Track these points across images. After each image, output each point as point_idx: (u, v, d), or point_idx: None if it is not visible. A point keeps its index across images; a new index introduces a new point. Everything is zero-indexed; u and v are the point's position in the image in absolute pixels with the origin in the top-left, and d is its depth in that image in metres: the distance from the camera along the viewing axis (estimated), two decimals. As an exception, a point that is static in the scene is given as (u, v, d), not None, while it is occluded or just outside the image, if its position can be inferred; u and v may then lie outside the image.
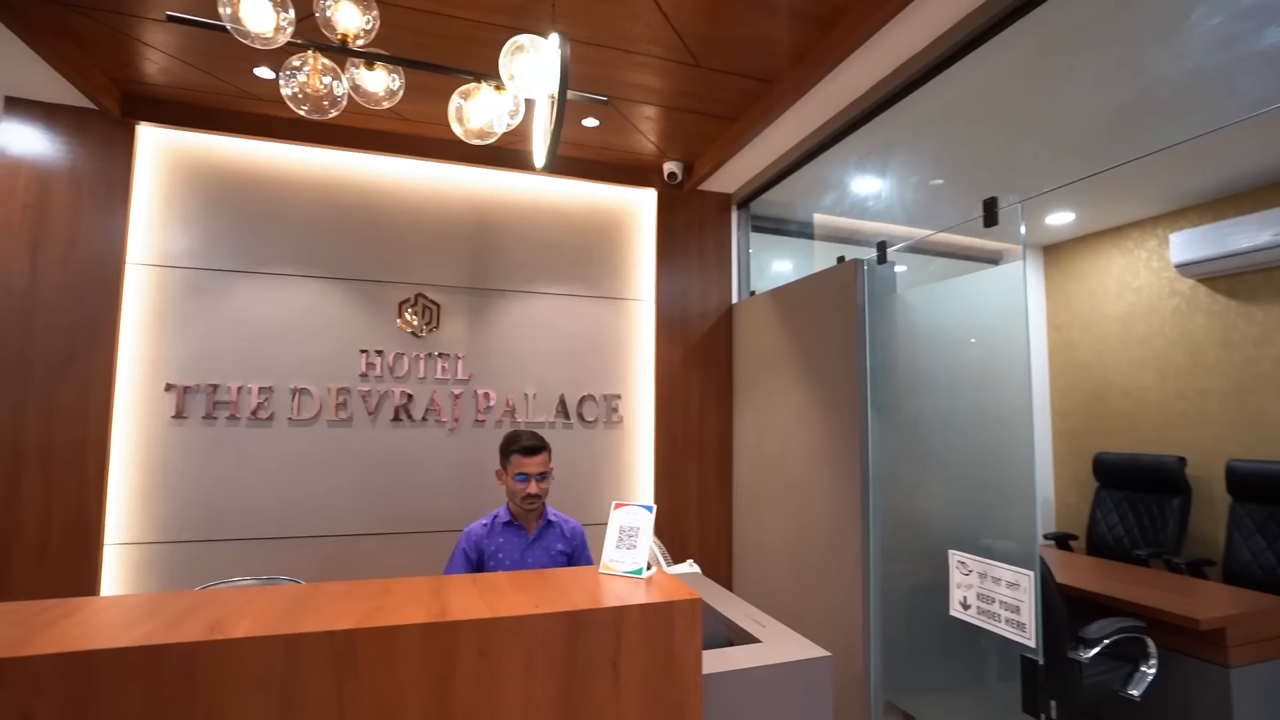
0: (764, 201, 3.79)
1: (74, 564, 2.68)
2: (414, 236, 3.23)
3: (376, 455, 3.10)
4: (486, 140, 1.61)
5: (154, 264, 2.88)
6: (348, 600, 1.27)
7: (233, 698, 1.06)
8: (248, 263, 2.99)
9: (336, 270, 3.11)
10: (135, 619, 1.14)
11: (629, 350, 3.56)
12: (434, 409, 3.19)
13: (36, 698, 0.99)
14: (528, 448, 2.11)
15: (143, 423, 2.82)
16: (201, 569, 2.82)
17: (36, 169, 2.74)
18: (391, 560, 3.08)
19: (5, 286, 2.66)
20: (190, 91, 2.80)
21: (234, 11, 1.30)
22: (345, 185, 3.16)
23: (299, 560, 2.95)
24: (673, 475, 3.53)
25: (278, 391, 2.98)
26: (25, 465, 2.65)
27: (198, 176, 2.96)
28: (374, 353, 3.12)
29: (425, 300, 3.22)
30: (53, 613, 1.17)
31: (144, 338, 2.85)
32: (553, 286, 3.44)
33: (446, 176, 3.31)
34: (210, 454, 2.89)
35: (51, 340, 2.70)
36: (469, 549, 2.14)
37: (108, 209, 2.80)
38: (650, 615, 1.29)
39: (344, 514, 3.05)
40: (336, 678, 1.11)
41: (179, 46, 2.48)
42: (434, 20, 2.27)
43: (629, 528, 1.50)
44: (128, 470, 2.80)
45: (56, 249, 2.73)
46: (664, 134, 3.20)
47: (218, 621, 1.13)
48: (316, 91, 1.42)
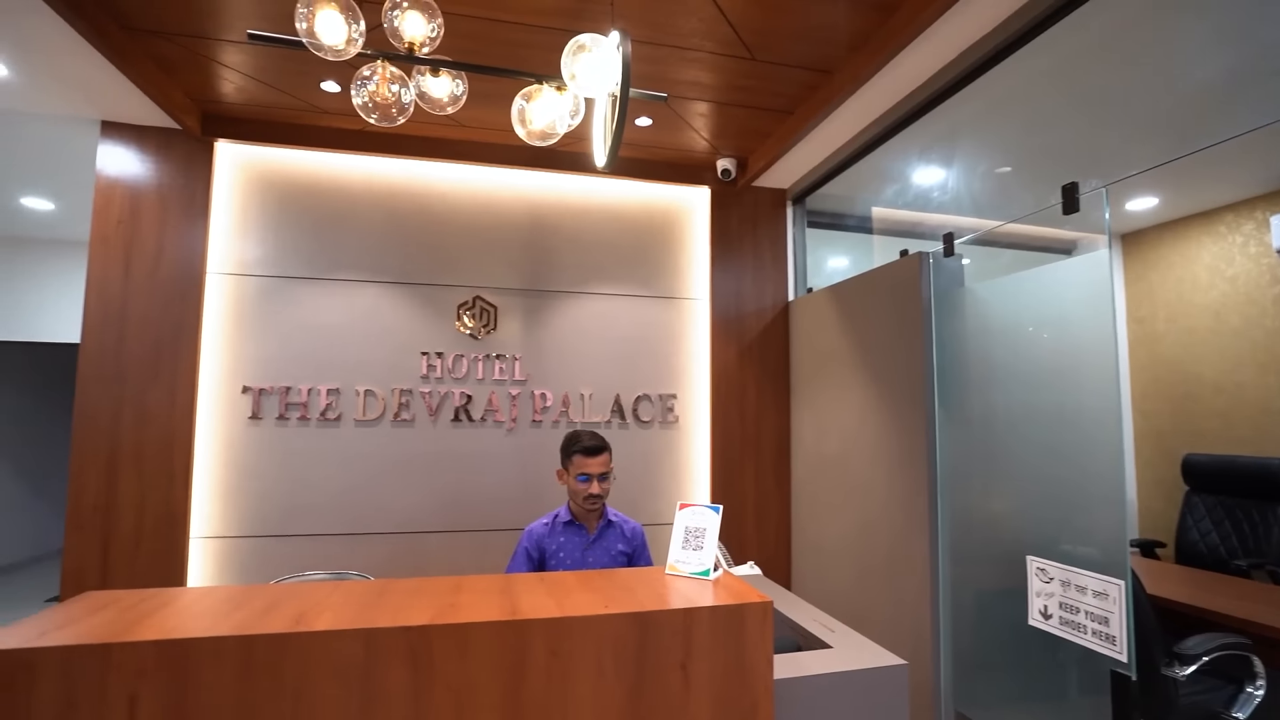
0: (821, 196, 3.71)
1: (164, 555, 2.84)
2: (471, 240, 3.30)
3: (438, 455, 3.18)
4: (548, 141, 1.62)
5: (231, 273, 3.03)
6: (421, 596, 1.29)
7: (316, 688, 1.10)
8: (316, 269, 3.12)
9: (398, 275, 3.20)
10: (226, 610, 1.20)
11: (684, 349, 3.54)
12: (492, 409, 3.24)
13: (142, 681, 1.04)
14: (589, 448, 2.12)
15: (223, 423, 2.98)
16: (277, 562, 2.96)
17: (128, 187, 2.93)
18: (454, 558, 3.15)
19: (103, 296, 2.85)
20: (263, 108, 2.93)
21: (309, 26, 1.35)
22: (406, 193, 3.25)
23: (366, 556, 3.05)
24: (730, 475, 3.49)
25: (344, 393, 3.09)
26: (121, 463, 2.83)
27: (270, 189, 3.10)
28: (434, 354, 3.20)
29: (483, 302, 3.28)
30: (152, 602, 1.24)
31: (223, 342, 3.00)
32: (607, 287, 3.45)
33: (502, 181, 3.36)
34: (283, 453, 3.02)
35: (142, 346, 2.88)
36: (531, 548, 2.17)
37: (189, 222, 2.97)
38: (720, 618, 1.27)
39: (408, 512, 3.14)
40: (413, 672, 1.13)
41: (253, 65, 2.60)
42: (491, 26, 2.31)
43: (695, 528, 1.48)
44: (210, 468, 2.95)
45: (146, 260, 2.91)
46: (717, 130, 3.17)
47: (301, 614, 1.17)
48: (385, 100, 1.46)
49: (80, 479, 2.79)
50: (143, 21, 2.33)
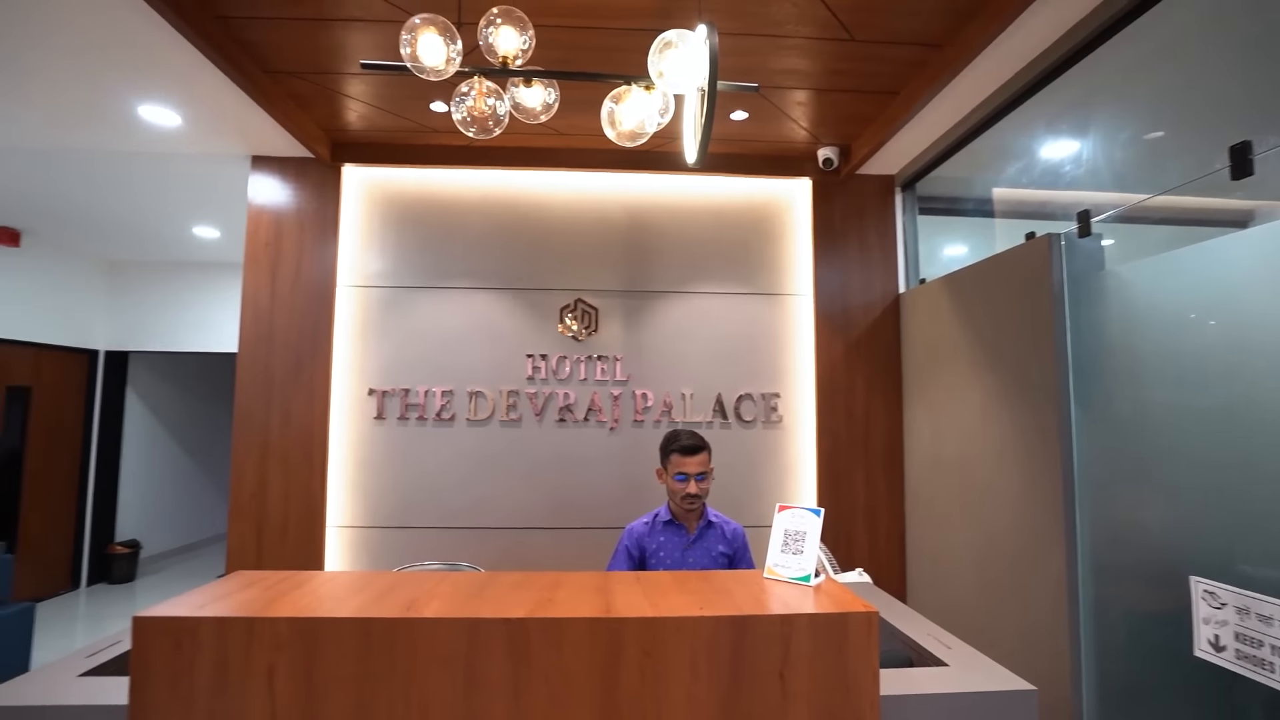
0: (932, 180, 3.46)
1: (306, 541, 3.16)
2: (572, 244, 3.39)
3: (544, 454, 3.30)
4: (638, 141, 1.63)
5: (358, 285, 3.31)
6: (521, 590, 1.34)
7: (425, 671, 1.16)
8: (430, 279, 3.33)
9: (504, 281, 3.35)
10: (349, 593, 1.30)
11: (787, 347, 3.43)
12: (594, 410, 3.31)
13: (278, 653, 1.16)
14: (687, 447, 2.10)
15: (352, 422, 3.25)
16: (399, 551, 3.19)
17: (273, 212, 3.28)
18: (559, 554, 3.25)
19: (255, 310, 3.22)
20: (381, 132, 3.18)
21: (413, 51, 1.44)
22: (510, 202, 3.40)
23: (478, 549, 3.22)
24: (837, 477, 3.34)
25: (458, 394, 3.28)
26: (270, 458, 3.17)
27: (389, 206, 3.36)
28: (539, 357, 3.32)
29: (584, 305, 3.36)
30: (289, 582, 1.37)
31: (351, 349, 3.28)
32: (707, 285, 3.42)
33: (600, 184, 3.43)
34: (404, 451, 3.25)
35: (286, 353, 3.21)
36: (631, 546, 2.19)
37: (323, 240, 3.28)
38: (821, 626, 1.21)
39: (516, 508, 3.27)
40: (512, 662, 1.17)
41: (371, 94, 2.83)
42: (581, 34, 2.36)
43: (795, 531, 1.42)
44: (342, 463, 3.24)
45: (288, 276, 3.25)
46: (817, 118, 3.04)
47: (412, 601, 1.25)
48: (482, 113, 1.53)
49: (240, 472, 3.16)
50: (281, 65, 2.61)
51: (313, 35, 2.41)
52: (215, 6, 2.26)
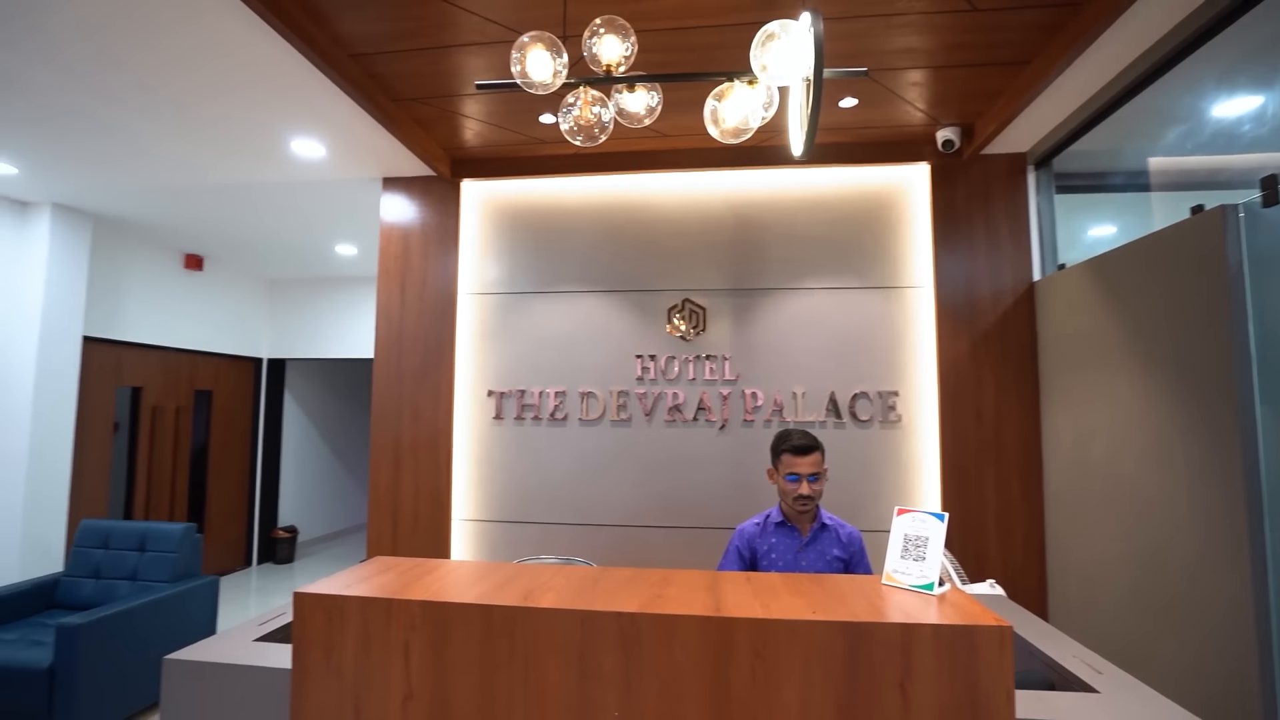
0: (1072, 156, 3.13)
1: (434, 532, 3.40)
2: (678, 244, 3.41)
3: (653, 453, 3.34)
4: (742, 138, 1.61)
5: (477, 292, 3.52)
6: (633, 585, 1.36)
7: (542, 658, 1.21)
8: (543, 284, 3.48)
9: (613, 284, 3.43)
10: (472, 581, 1.39)
11: (906, 343, 3.24)
12: (703, 409, 3.31)
13: (413, 632, 1.26)
14: (798, 447, 2.05)
15: (473, 422, 3.47)
16: (516, 544, 3.35)
17: (402, 228, 3.57)
18: (669, 552, 3.28)
19: (387, 319, 3.52)
20: (495, 147, 3.37)
21: (522, 69, 1.52)
22: (617, 206, 3.47)
23: (590, 545, 3.31)
24: (964, 481, 3.11)
25: (570, 395, 3.40)
26: (403, 454, 3.45)
27: (503, 216, 3.55)
28: (648, 357, 3.36)
29: (692, 305, 3.37)
30: (421, 569, 1.49)
31: (472, 352, 3.50)
32: (818, 280, 3.31)
33: (705, 183, 3.42)
34: (520, 449, 3.42)
35: (414, 357, 3.48)
36: (742, 547, 2.16)
37: (445, 252, 3.52)
38: (946, 638, 1.13)
39: (627, 506, 3.34)
40: (624, 655, 1.20)
41: (486, 111, 3.00)
42: (683, 35, 2.36)
43: (915, 537, 1.34)
44: (465, 461, 3.46)
45: (415, 287, 3.52)
46: (935, 98, 2.85)
47: (530, 591, 1.31)
48: (588, 122, 1.58)
49: (377, 467, 3.47)
50: (407, 93, 2.83)
51: (433, 63, 2.60)
52: (350, 46, 2.49)
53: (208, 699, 1.42)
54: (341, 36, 2.43)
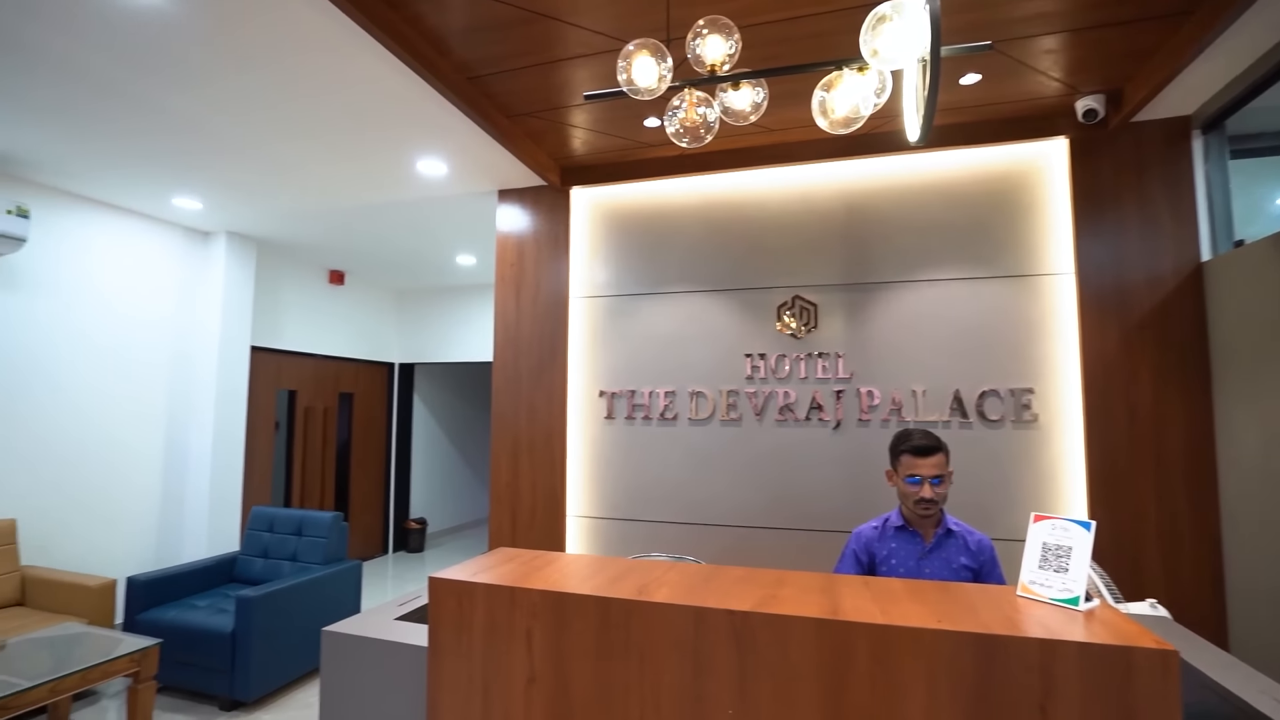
0: (1252, 113, 2.72)
1: (550, 527, 3.55)
2: (787, 241, 3.34)
3: (764, 453, 3.29)
4: (852, 127, 1.55)
5: (587, 295, 3.64)
6: (745, 584, 1.35)
7: (657, 651, 1.24)
8: (650, 285, 3.53)
9: (720, 283, 3.42)
10: (588, 574, 1.44)
11: (1042, 335, 2.97)
12: (816, 408, 3.21)
13: (535, 619, 1.33)
14: (920, 447, 1.94)
15: (586, 421, 3.58)
16: (627, 542, 3.42)
17: (516, 237, 3.76)
18: (779, 554, 3.21)
19: (505, 323, 3.73)
20: (601, 153, 3.46)
21: (629, 76, 1.55)
22: (722, 204, 3.46)
23: (699, 544, 3.32)
24: (1116, 488, 2.80)
25: (679, 395, 3.42)
26: (520, 452, 3.63)
27: (611, 220, 3.64)
28: (757, 356, 3.32)
29: (802, 302, 3.28)
30: (540, 560, 1.56)
31: (583, 354, 3.62)
32: (939, 272, 3.11)
33: (813, 176, 3.32)
34: (631, 448, 3.49)
35: (530, 358, 3.66)
36: (859, 551, 2.08)
37: (556, 258, 3.67)
38: (1096, 660, 1.03)
39: (737, 506, 3.31)
40: (737, 653, 1.19)
41: (592, 120, 3.09)
42: (787, 26, 2.31)
43: (1057, 546, 1.23)
44: (578, 459, 3.58)
45: (529, 292, 3.70)
46: (1073, 65, 2.59)
47: (644, 586, 1.34)
48: (694, 123, 1.59)
49: (497, 464, 3.67)
50: (519, 108, 2.98)
51: (543, 77, 2.72)
52: (469, 70, 2.67)
53: (357, 667, 1.58)
54: (461, 62, 2.61)
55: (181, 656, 3.28)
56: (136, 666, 2.69)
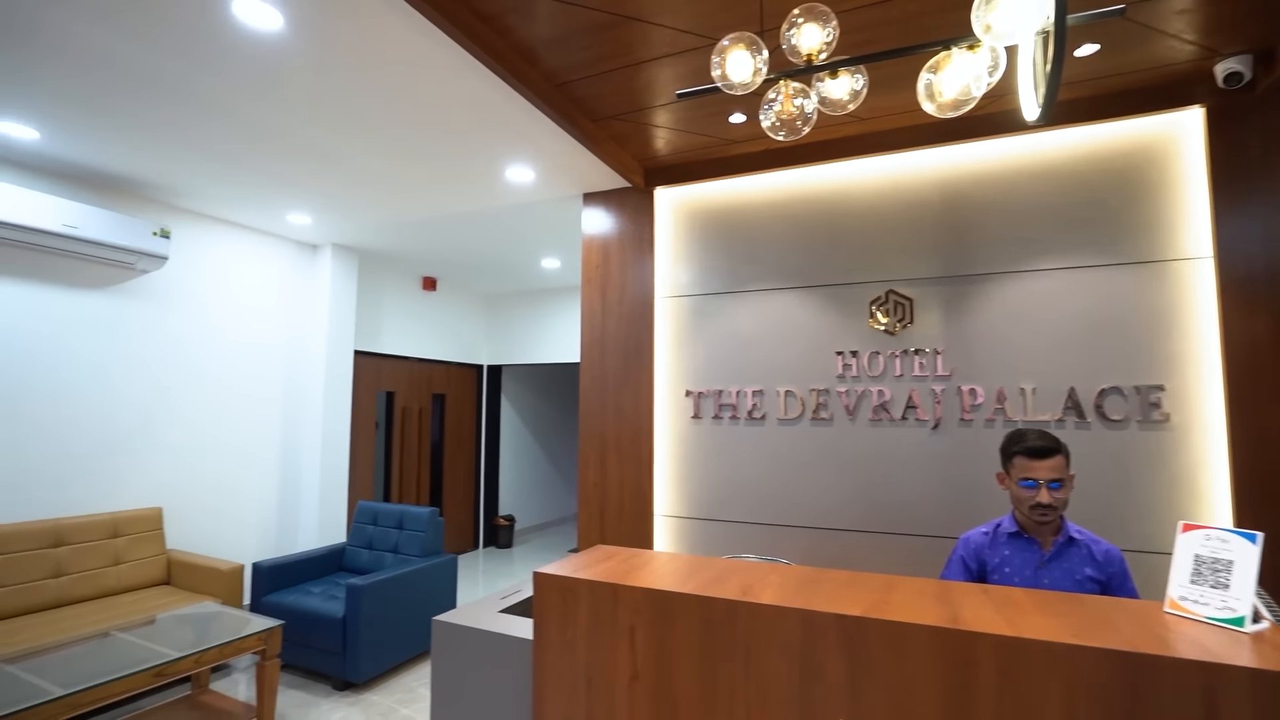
0: None
1: (637, 526, 3.57)
2: (879, 234, 3.21)
3: (856, 454, 3.17)
4: (962, 110, 1.46)
5: (672, 295, 3.64)
6: (852, 588, 1.31)
7: (763, 652, 1.21)
8: (735, 284, 3.49)
9: (808, 279, 3.33)
10: (688, 573, 1.43)
11: (1173, 327, 2.71)
12: (912, 408, 3.07)
13: (637, 616, 1.33)
14: (1036, 449, 1.81)
15: (672, 421, 3.58)
16: (714, 542, 3.39)
17: (601, 239, 3.82)
18: (873, 558, 3.09)
19: (591, 324, 3.79)
20: (685, 152, 3.45)
21: (723, 72, 1.54)
22: (809, 198, 3.37)
23: (788, 546, 3.24)
24: (1272, 496, 2.50)
25: (767, 394, 3.36)
26: (608, 450, 3.68)
27: (694, 219, 3.62)
28: (849, 354, 3.21)
29: (896, 296, 3.14)
30: (639, 559, 1.57)
31: (669, 353, 3.62)
32: (1049, 260, 2.90)
33: (906, 165, 3.18)
34: (718, 448, 3.46)
35: (616, 359, 3.70)
36: (968, 557, 1.96)
37: (641, 258, 3.69)
38: (1272, 688, 0.92)
39: (827, 508, 3.21)
40: (848, 659, 1.15)
41: (675, 119, 3.09)
42: (884, 8, 2.21)
43: (1214, 560, 1.11)
44: (665, 458, 3.58)
45: (615, 293, 3.74)
46: (1211, 24, 2.34)
47: (748, 586, 1.32)
48: (791, 115, 1.55)
49: (585, 463, 3.74)
50: (604, 111, 3.02)
51: (628, 79, 2.74)
52: (556, 77, 2.73)
53: (465, 655, 1.64)
54: (549, 70, 2.67)
55: (299, 637, 3.54)
56: (263, 645, 2.93)
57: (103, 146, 3.28)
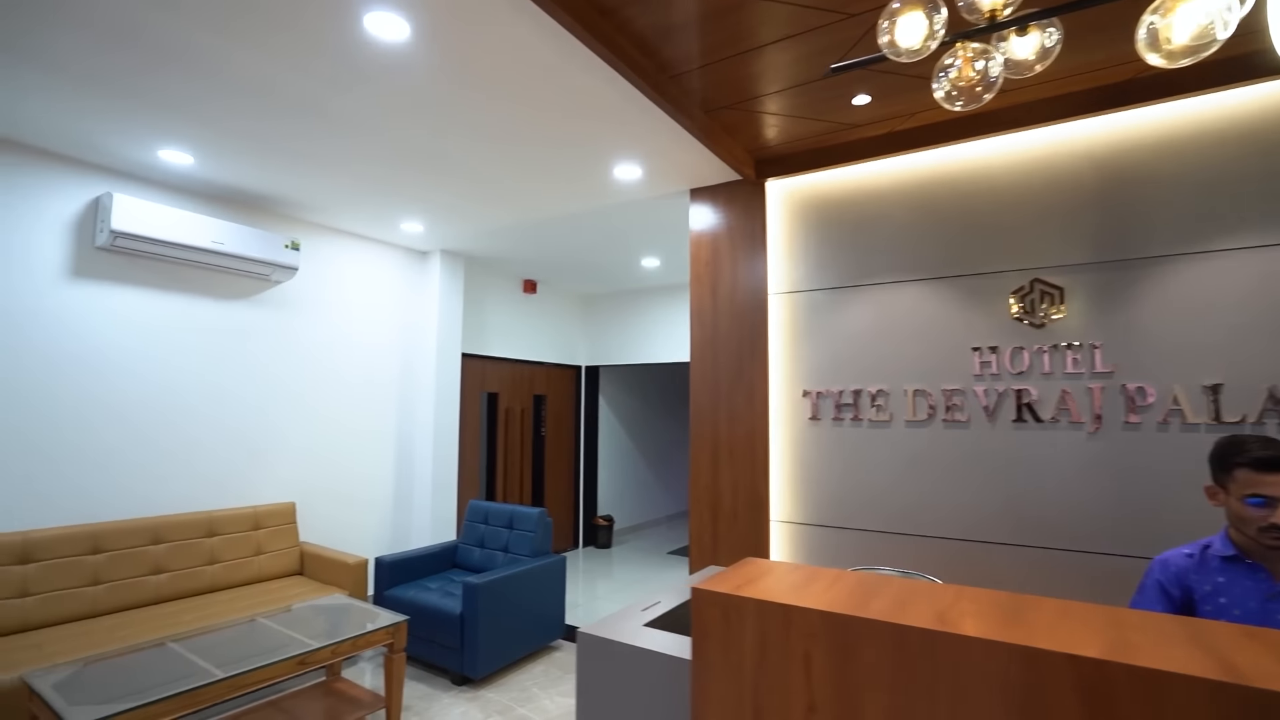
0: None
1: (752, 531, 3.43)
2: (1019, 217, 2.91)
3: (997, 459, 2.89)
4: (1199, 55, 1.23)
5: (786, 291, 3.47)
6: (1072, 621, 1.12)
7: (974, 694, 1.06)
8: (855, 277, 3.28)
9: (937, 270, 3.08)
10: (865, 594, 1.29)
11: None
12: (1065, 408, 2.76)
13: (813, 642, 1.21)
14: (1265, 460, 1.53)
15: (788, 422, 3.42)
16: (835, 551, 3.20)
17: (709, 235, 3.70)
18: (1018, 576, 2.80)
19: (701, 323, 3.68)
20: (799, 140, 3.28)
21: (890, 39, 1.39)
22: (936, 182, 3.11)
23: (918, 558, 3.00)
24: None
25: (893, 394, 3.14)
26: (720, 453, 3.56)
27: (808, 211, 3.44)
28: (986, 349, 2.93)
29: (1042, 285, 2.84)
30: (800, 573, 1.45)
31: (783, 352, 3.46)
32: (1236, 239, 2.52)
33: (1047, 138, 2.86)
34: (839, 451, 3.26)
35: (728, 358, 3.58)
36: (1168, 583, 1.70)
37: (752, 253, 3.55)
38: None
39: (962, 517, 2.95)
40: (1088, 712, 0.98)
41: (791, 105, 2.93)
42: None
43: None
44: (781, 461, 3.42)
45: (725, 290, 3.62)
46: None
47: (941, 613, 1.17)
48: (969, 81, 1.38)
49: (697, 465, 3.64)
50: (717, 101, 2.91)
51: (745, 66, 2.61)
52: (671, 68, 2.64)
53: (613, 670, 1.58)
54: (665, 61, 2.59)
55: (418, 631, 3.65)
56: (391, 639, 3.02)
57: (244, 168, 3.51)
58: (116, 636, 2.96)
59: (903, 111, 2.95)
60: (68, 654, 2.74)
